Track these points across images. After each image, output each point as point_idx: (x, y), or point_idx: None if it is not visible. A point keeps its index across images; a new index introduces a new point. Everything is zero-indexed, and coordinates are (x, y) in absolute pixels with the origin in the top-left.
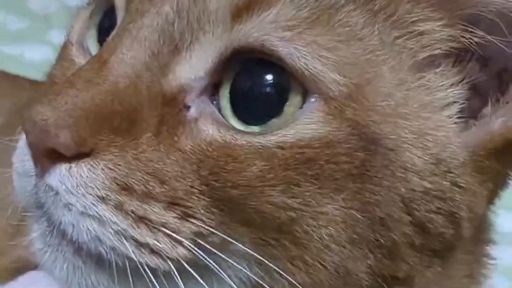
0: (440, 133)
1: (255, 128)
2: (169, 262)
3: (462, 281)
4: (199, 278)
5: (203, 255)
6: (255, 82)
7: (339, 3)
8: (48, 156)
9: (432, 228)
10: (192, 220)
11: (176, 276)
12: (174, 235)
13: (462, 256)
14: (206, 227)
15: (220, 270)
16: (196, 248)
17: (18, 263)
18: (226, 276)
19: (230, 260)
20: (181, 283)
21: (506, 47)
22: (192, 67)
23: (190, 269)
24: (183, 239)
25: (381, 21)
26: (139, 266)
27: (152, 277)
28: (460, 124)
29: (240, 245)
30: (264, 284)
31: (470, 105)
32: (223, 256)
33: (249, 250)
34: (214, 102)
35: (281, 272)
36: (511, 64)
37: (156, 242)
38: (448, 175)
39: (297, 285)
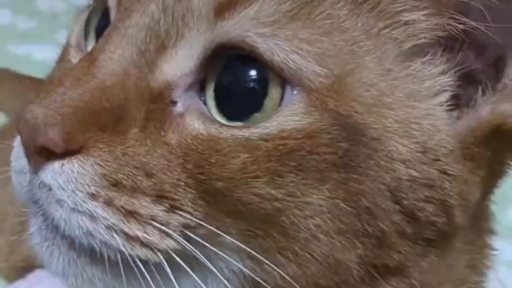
0: (428, 121)
1: (239, 123)
2: (159, 254)
3: (464, 271)
4: (189, 270)
5: (191, 247)
6: (236, 78)
7: None
8: (40, 153)
9: (422, 217)
10: (180, 213)
11: (167, 268)
12: (163, 227)
13: (461, 245)
14: (194, 219)
15: (211, 262)
16: (184, 240)
17: (26, 261)
18: (218, 268)
19: (220, 252)
20: (172, 275)
21: (495, 35)
22: (178, 64)
23: (180, 260)
24: (171, 231)
25: (365, 13)
26: (130, 258)
27: (143, 269)
28: (450, 112)
29: (229, 237)
30: (256, 277)
31: (462, 93)
32: (212, 248)
33: (237, 242)
34: (202, 98)
35: (271, 264)
36: (505, 52)
37: (145, 235)
38: (436, 163)
39: (288, 277)
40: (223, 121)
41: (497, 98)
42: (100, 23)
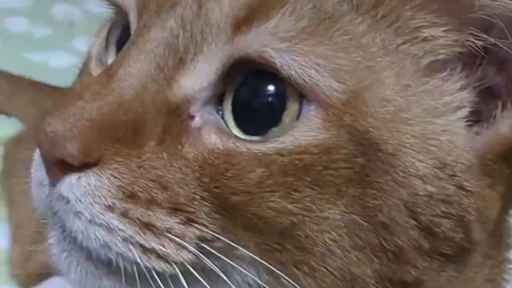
0: (445, 137)
1: (256, 138)
2: (175, 266)
3: (483, 286)
4: (204, 282)
5: (207, 259)
6: (254, 93)
7: (339, 12)
8: (58, 166)
9: (440, 232)
10: (196, 225)
11: (183, 280)
12: (179, 240)
13: (480, 260)
14: (210, 232)
15: (227, 275)
16: (200, 253)
17: (41, 268)
18: (234, 281)
19: (236, 265)
20: (188, 287)
21: None
22: (196, 78)
23: (195, 273)
24: (187, 244)
25: (383, 28)
26: (146, 270)
27: (159, 281)
28: (469, 127)
29: (245, 250)
30: None
31: (482, 108)
32: (229, 261)
33: (253, 255)
34: (220, 112)
35: (287, 277)
36: None
37: (161, 247)
38: (453, 179)
39: None
40: (240, 135)
41: None
42: (121, 37)
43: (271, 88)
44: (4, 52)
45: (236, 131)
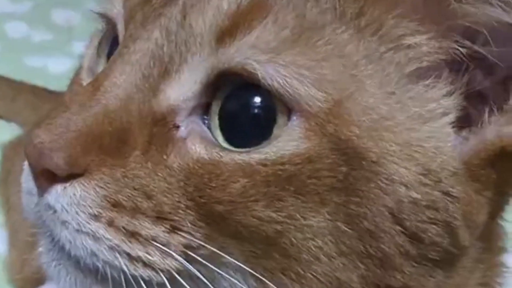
0: (430, 143)
1: (245, 149)
2: (161, 274)
3: None
4: None
5: (192, 267)
6: (242, 105)
7: (322, 22)
8: (45, 176)
9: (426, 238)
10: (181, 233)
11: None
12: (164, 248)
13: (471, 264)
14: (195, 239)
15: (214, 282)
16: (187, 260)
17: (39, 273)
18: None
19: (223, 273)
20: None
21: (499, 58)
22: (181, 88)
23: (182, 281)
24: (172, 252)
25: (367, 37)
26: (133, 279)
27: None
28: (457, 132)
29: (231, 258)
30: None
31: (471, 112)
32: (215, 268)
33: (239, 263)
34: (206, 122)
35: (273, 285)
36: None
37: (147, 255)
38: (439, 185)
39: None
40: (227, 145)
41: (503, 120)
42: (111, 48)
43: (259, 100)
44: (4, 57)
45: (222, 141)
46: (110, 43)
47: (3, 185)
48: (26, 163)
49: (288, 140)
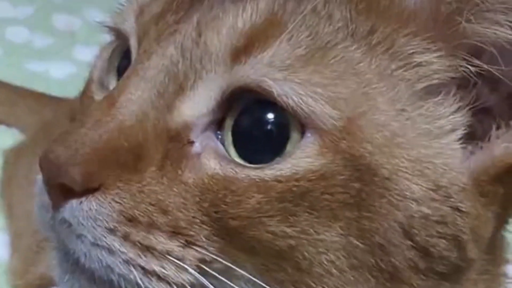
0: (440, 160)
1: (259, 165)
2: None
3: None
4: None
5: (205, 281)
6: (256, 122)
7: (335, 40)
8: (61, 191)
9: (435, 252)
10: (195, 248)
11: None
12: (179, 262)
13: (476, 276)
14: (209, 254)
15: None
16: (200, 274)
17: (41, 280)
18: None
19: (235, 286)
20: None
21: (507, 77)
22: (196, 105)
23: None
24: (187, 266)
25: (378, 55)
26: None
27: None
28: (464, 149)
29: (244, 271)
30: None
31: (478, 127)
32: (228, 282)
33: (252, 276)
34: (219, 137)
35: None
36: None
37: (162, 269)
38: (448, 200)
39: None
40: (240, 161)
41: (510, 135)
42: (121, 61)
43: (274, 117)
44: (5, 62)
45: (236, 157)
46: (121, 57)
47: (4, 190)
48: (39, 176)
49: (302, 157)
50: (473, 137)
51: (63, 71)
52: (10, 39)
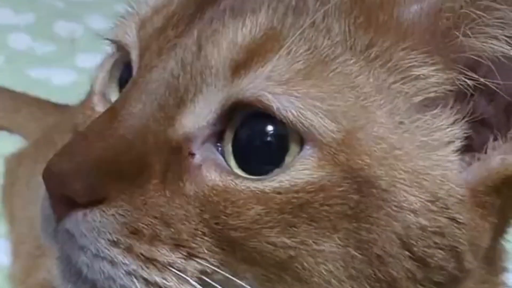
0: (437, 171)
1: (259, 177)
2: None
3: None
4: None
5: None
6: (256, 134)
7: (334, 54)
8: (64, 203)
9: (432, 262)
10: (197, 260)
11: None
12: (181, 274)
13: (475, 285)
14: (210, 265)
15: None
16: (201, 286)
17: (42, 284)
18: None
19: None
20: None
21: (504, 90)
22: (196, 117)
23: None
24: (188, 278)
25: (377, 68)
26: None
27: None
28: (461, 160)
29: (244, 282)
30: None
31: (475, 138)
32: None
33: (252, 286)
34: (219, 149)
35: None
36: None
37: (164, 281)
38: (445, 212)
39: None
40: (240, 173)
41: (507, 147)
42: (123, 73)
43: (273, 130)
44: (6, 69)
45: (236, 169)
46: (122, 69)
47: (6, 196)
48: (43, 188)
49: (301, 169)
50: (470, 148)
51: (64, 78)
52: (12, 46)
